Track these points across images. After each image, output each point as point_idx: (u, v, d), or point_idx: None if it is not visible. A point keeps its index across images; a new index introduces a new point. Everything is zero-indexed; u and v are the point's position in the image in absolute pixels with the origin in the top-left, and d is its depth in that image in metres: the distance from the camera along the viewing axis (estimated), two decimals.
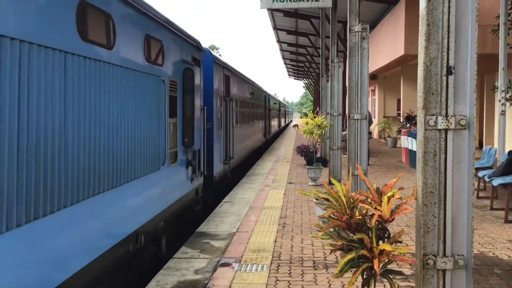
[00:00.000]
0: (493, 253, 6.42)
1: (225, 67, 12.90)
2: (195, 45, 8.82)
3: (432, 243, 2.96)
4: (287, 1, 12.86)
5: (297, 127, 20.47)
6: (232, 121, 13.69)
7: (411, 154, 15.64)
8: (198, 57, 9.09)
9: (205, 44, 9.93)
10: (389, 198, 3.22)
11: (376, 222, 3.18)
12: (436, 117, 2.92)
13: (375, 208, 3.22)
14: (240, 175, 14.53)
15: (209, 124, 10.38)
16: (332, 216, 3.39)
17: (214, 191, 11.02)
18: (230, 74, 13.75)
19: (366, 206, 3.26)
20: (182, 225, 8.24)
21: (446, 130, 2.91)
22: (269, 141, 31.02)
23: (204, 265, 6.07)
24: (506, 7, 11.35)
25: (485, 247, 6.70)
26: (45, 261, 3.64)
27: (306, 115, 21.97)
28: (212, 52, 11.41)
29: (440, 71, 2.93)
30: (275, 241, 7.10)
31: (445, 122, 2.90)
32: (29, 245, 3.41)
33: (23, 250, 3.33)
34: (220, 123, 11.78)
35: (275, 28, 29.95)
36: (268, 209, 9.40)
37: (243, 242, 7.07)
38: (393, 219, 3.26)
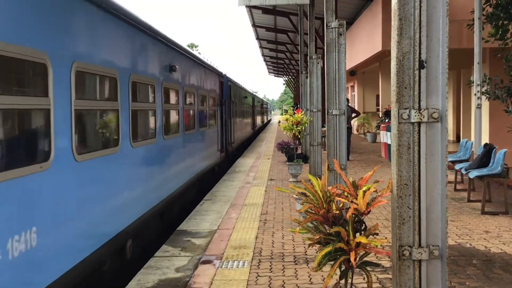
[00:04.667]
0: (470, 244, 6.54)
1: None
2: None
3: (408, 234, 3.00)
4: None
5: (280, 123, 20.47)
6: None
7: (390, 148, 15.79)
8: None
9: (184, 43, 12.67)
10: (364, 192, 3.26)
11: (353, 215, 3.22)
12: (409, 111, 2.95)
13: (351, 202, 3.26)
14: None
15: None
16: (310, 210, 3.42)
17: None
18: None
19: (342, 200, 3.30)
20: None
21: (419, 123, 2.95)
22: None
23: (185, 263, 6.07)
24: (480, 2, 11.52)
25: (463, 239, 6.82)
26: None
27: (286, 111, 21.96)
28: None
29: (413, 65, 2.96)
30: (256, 237, 7.12)
31: (418, 115, 2.94)
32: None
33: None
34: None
35: (254, 25, 29.95)
36: (249, 206, 9.42)
37: (224, 239, 7.09)
38: (369, 212, 3.30)
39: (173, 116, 9.48)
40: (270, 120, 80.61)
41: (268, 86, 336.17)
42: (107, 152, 5.77)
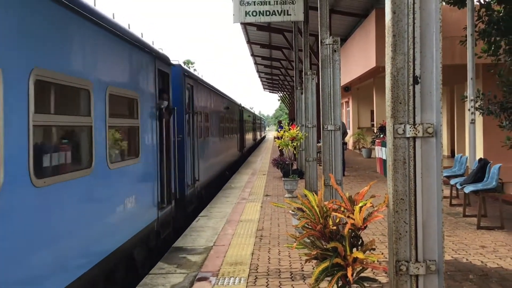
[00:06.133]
0: (467, 259, 6.53)
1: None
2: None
3: (404, 249, 3.00)
4: (259, 15, 12.95)
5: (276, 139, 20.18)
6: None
7: (385, 163, 15.84)
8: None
9: (180, 59, 9.66)
10: (361, 207, 3.26)
11: (349, 230, 3.22)
12: (404, 126, 2.98)
13: (348, 217, 3.26)
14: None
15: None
16: (306, 226, 3.42)
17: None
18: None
19: (339, 215, 3.31)
20: None
21: (414, 138, 2.97)
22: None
23: (181, 280, 6.03)
24: (473, 19, 11.66)
25: (459, 254, 6.81)
26: None
27: (280, 125, 21.86)
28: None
29: (407, 80, 3.00)
30: (252, 253, 7.09)
31: (413, 130, 2.96)
32: None
33: None
34: None
35: (249, 42, 30.14)
36: (245, 222, 9.39)
37: (220, 255, 7.05)
38: (365, 227, 3.31)
39: None
40: (264, 137, 73.06)
41: (263, 103, 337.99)
42: None
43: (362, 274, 3.44)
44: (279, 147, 12.99)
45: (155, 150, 7.85)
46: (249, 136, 35.55)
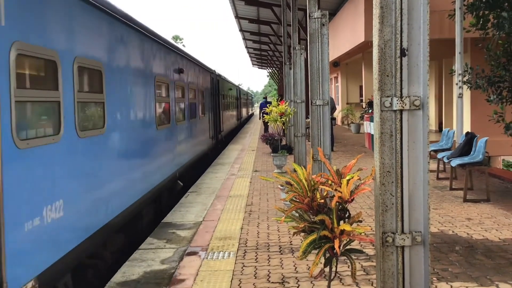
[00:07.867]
0: (453, 231, 6.63)
1: None
2: None
3: (391, 221, 3.03)
4: None
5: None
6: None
7: (374, 138, 15.90)
8: None
9: (167, 35, 5.81)
10: (348, 180, 3.28)
11: (337, 203, 3.24)
12: (391, 99, 2.98)
13: (335, 190, 3.28)
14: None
15: None
16: (294, 199, 3.44)
17: None
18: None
19: (326, 188, 3.32)
20: None
21: (401, 111, 2.98)
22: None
23: (171, 254, 6.07)
24: None
25: (445, 226, 6.91)
26: None
27: (266, 101, 21.65)
28: None
29: (394, 53, 2.98)
30: (242, 228, 7.14)
31: (400, 103, 2.96)
32: None
33: None
34: None
35: (237, 17, 29.82)
36: (234, 198, 9.43)
37: (210, 230, 7.09)
38: (352, 200, 3.33)
39: None
40: (252, 114, 66.23)
41: (252, 79, 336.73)
42: None
43: (349, 246, 3.48)
44: (267, 123, 12.84)
45: None
46: (230, 115, 27.38)
